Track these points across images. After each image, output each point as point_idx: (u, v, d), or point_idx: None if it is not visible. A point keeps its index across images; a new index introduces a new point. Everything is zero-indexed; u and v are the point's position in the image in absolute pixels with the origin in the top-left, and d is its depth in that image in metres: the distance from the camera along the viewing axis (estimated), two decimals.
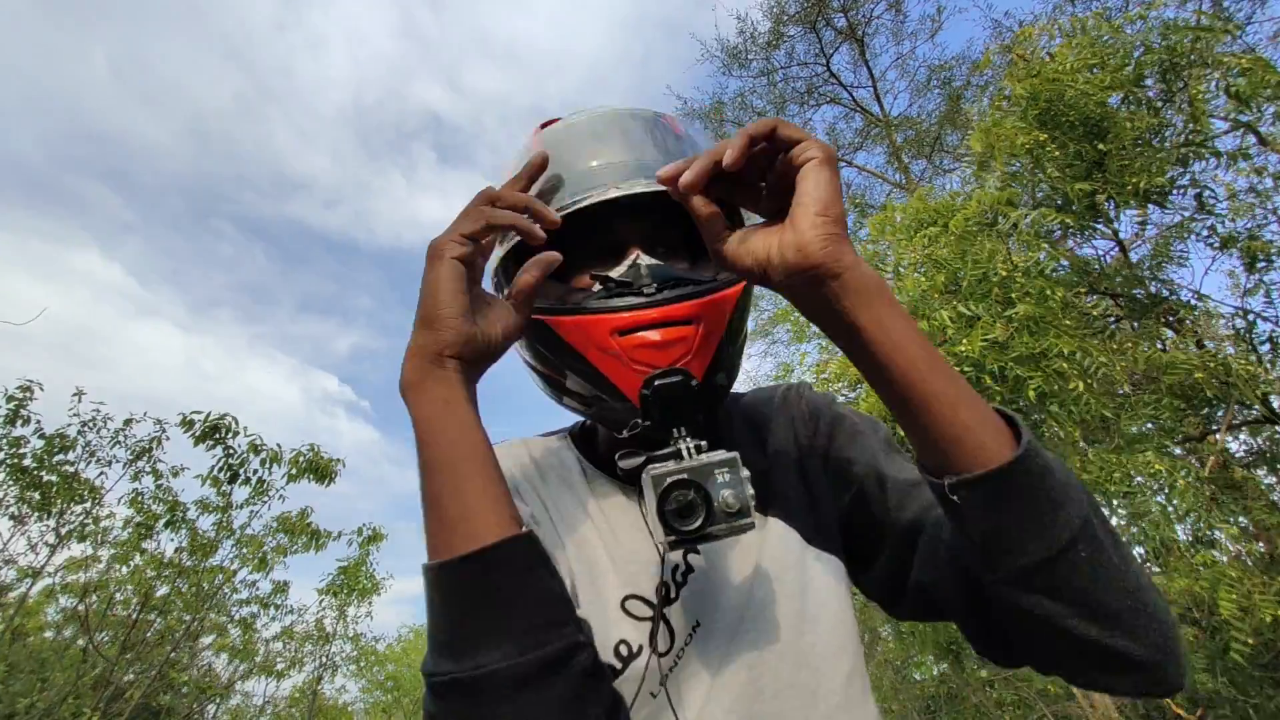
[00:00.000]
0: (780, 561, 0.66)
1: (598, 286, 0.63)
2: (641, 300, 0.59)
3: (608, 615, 0.63)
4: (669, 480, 0.49)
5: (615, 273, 0.63)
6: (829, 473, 0.71)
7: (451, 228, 0.55)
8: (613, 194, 0.61)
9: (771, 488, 0.70)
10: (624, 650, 0.61)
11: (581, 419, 0.77)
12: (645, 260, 0.63)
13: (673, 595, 0.64)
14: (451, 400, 0.52)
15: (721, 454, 0.50)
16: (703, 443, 0.53)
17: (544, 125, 0.73)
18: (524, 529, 0.49)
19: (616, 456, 0.56)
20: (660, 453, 0.53)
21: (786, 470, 0.72)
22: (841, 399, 0.78)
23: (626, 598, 0.64)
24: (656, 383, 0.56)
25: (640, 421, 0.57)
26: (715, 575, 0.66)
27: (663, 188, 0.59)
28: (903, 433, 0.52)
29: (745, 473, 0.50)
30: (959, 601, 0.55)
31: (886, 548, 0.64)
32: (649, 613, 0.63)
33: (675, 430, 0.55)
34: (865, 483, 0.67)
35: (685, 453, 0.52)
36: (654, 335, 0.57)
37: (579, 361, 0.60)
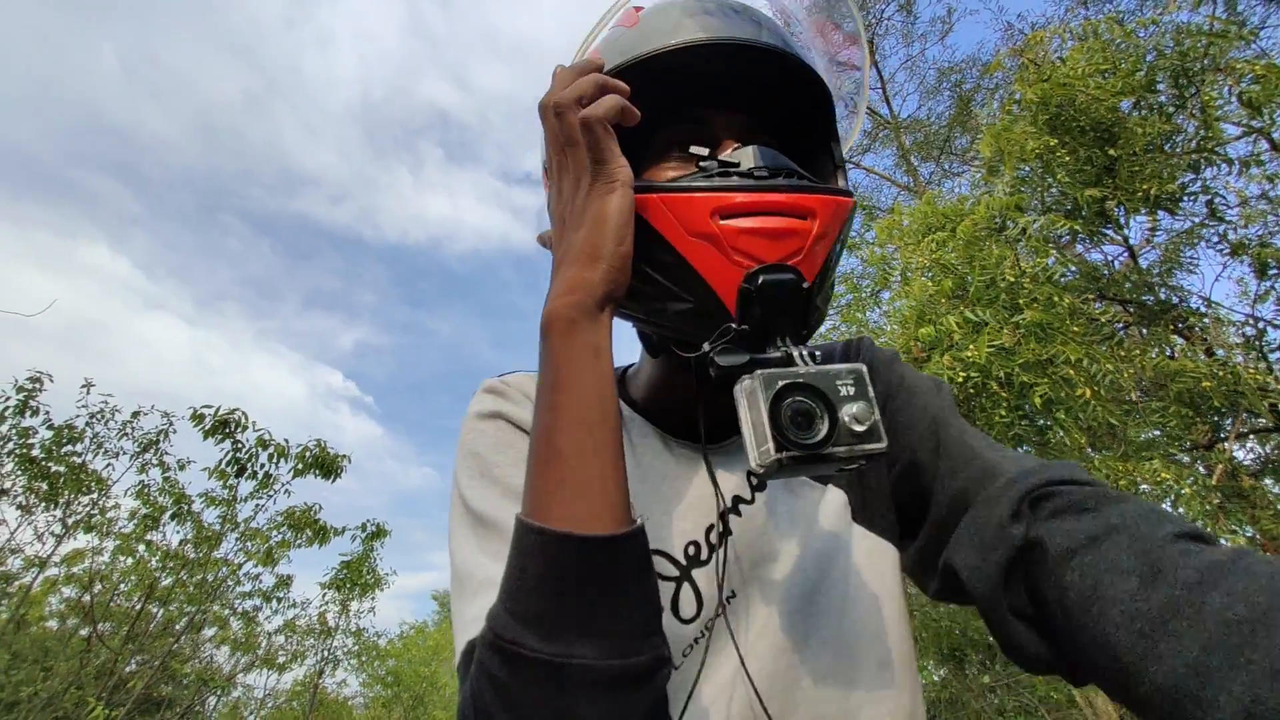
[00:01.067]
0: (836, 538, 0.59)
1: (691, 170, 0.54)
2: (753, 183, 0.50)
3: None
4: (784, 382, 0.40)
5: (720, 155, 0.54)
6: None
7: (608, 158, 0.47)
8: (701, 36, 0.53)
9: None
10: None
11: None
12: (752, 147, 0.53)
13: (704, 557, 0.56)
14: (602, 350, 0.45)
15: (846, 364, 0.42)
16: (816, 351, 0.45)
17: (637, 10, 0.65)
18: (640, 519, 0.43)
19: (712, 352, 0.45)
20: (766, 356, 0.44)
21: None
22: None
23: (652, 552, 0.56)
24: (762, 279, 0.46)
25: (734, 325, 0.47)
26: (761, 544, 0.57)
27: (768, 44, 0.53)
28: None
29: (872, 391, 0.42)
30: (997, 599, 0.46)
31: (929, 518, 0.56)
32: (675, 572, 0.55)
33: (779, 339, 0.46)
34: (920, 448, 0.59)
35: (799, 359, 0.43)
36: (768, 222, 0.48)
37: (661, 250, 0.49)
